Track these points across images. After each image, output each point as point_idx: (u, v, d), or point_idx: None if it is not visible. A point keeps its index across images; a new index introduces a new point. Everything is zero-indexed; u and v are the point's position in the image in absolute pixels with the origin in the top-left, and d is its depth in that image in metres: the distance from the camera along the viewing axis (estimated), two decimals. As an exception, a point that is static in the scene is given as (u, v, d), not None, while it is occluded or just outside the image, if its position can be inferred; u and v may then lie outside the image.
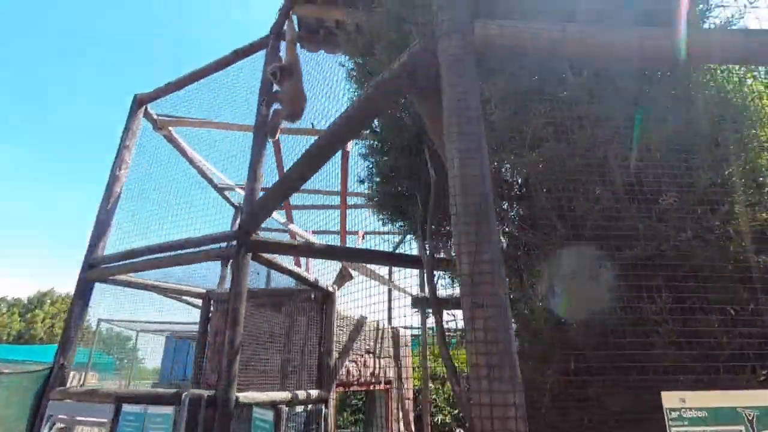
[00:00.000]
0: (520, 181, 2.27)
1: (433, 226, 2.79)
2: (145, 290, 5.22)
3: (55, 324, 32.67)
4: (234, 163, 5.66)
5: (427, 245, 2.67)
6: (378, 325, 6.77)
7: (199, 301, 6.78)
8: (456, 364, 2.41)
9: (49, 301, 36.35)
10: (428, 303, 4.64)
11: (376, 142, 2.99)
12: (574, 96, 1.90)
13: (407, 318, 7.81)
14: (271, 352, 5.12)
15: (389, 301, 6.97)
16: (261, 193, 3.80)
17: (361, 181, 3.65)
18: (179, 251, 3.95)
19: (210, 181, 7.61)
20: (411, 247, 4.62)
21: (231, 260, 3.66)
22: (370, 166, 3.45)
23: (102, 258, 4.57)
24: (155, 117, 5.94)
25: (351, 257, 3.78)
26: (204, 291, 5.82)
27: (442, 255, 3.53)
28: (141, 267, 4.15)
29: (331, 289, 5.24)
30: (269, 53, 4.33)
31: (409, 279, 6.46)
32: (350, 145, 6.18)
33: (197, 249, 3.70)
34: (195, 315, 6.96)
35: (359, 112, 1.98)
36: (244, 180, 5.54)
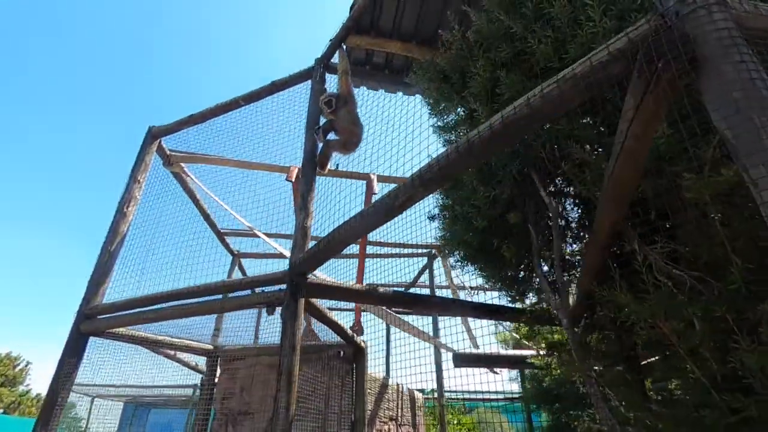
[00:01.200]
0: None
1: (544, 266, 2.41)
2: (144, 345, 4.45)
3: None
4: (257, 205, 5.16)
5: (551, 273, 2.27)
6: (399, 387, 6.07)
7: (194, 359, 5.96)
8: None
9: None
10: (479, 360, 4.11)
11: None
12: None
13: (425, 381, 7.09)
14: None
15: (438, 362, 6.33)
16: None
17: (432, 218, 3.27)
18: (211, 296, 3.36)
19: (213, 225, 7.04)
20: (489, 297, 4.20)
21: (279, 307, 3.12)
22: (445, 199, 3.09)
23: (105, 306, 3.87)
24: (168, 152, 5.47)
25: (431, 307, 3.28)
26: (210, 347, 5.06)
27: (529, 301, 3.12)
28: (166, 315, 3.49)
29: (362, 343, 4.64)
30: (316, 83, 4.07)
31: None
32: (375, 184, 5.85)
33: (241, 293, 3.13)
34: (170, 375, 6.00)
35: (521, 119, 1.65)
36: (268, 224, 5.09)
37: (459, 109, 3.02)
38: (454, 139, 3.30)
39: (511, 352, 4.33)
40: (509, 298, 3.26)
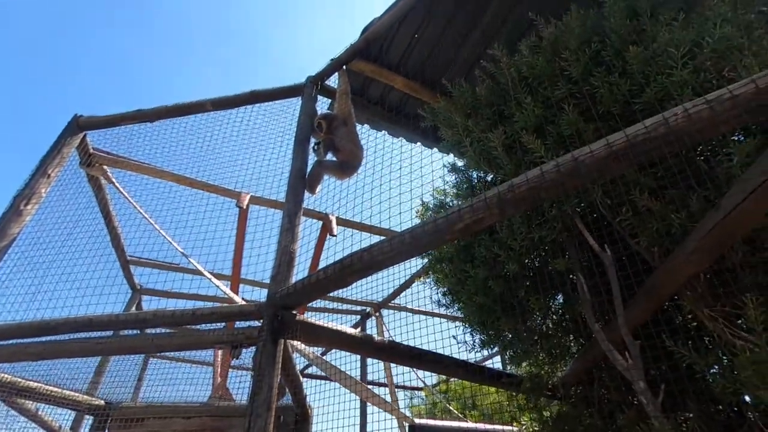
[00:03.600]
0: None
1: (597, 322, 2.16)
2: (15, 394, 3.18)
3: None
4: (191, 233, 4.30)
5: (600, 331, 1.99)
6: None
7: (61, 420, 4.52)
8: None
9: None
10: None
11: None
12: None
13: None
14: None
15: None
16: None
17: (440, 260, 2.91)
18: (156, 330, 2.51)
19: (121, 249, 5.82)
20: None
21: (244, 348, 2.41)
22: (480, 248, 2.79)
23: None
24: (91, 150, 4.47)
25: (425, 363, 2.77)
26: (100, 402, 3.81)
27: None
28: (57, 351, 2.50)
29: (309, 409, 3.87)
30: (306, 102, 3.67)
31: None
32: (335, 226, 5.37)
33: (206, 327, 2.36)
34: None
35: (649, 141, 1.46)
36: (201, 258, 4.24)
37: (476, 145, 2.84)
38: (465, 178, 3.10)
39: (482, 426, 3.91)
40: (511, 358, 2.94)
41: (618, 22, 2.27)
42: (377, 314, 7.37)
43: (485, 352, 3.24)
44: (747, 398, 1.91)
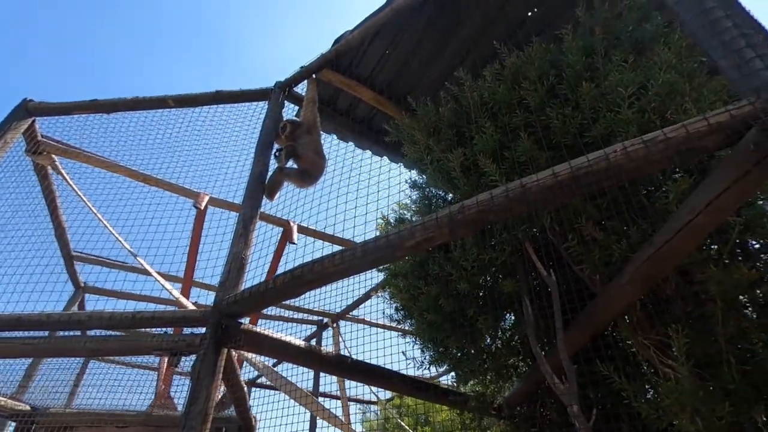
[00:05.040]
0: None
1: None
2: None
3: None
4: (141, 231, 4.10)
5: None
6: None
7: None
8: None
9: None
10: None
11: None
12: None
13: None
14: None
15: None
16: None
17: (394, 276, 2.91)
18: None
19: (65, 244, 5.49)
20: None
21: (184, 356, 2.32)
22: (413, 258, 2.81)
23: None
24: (40, 137, 4.22)
25: (375, 379, 2.74)
26: (25, 407, 3.53)
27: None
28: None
29: (254, 421, 3.74)
30: (272, 107, 3.63)
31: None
32: (295, 234, 5.29)
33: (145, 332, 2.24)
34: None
35: (593, 173, 1.53)
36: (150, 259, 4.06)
37: (436, 164, 2.88)
38: (424, 196, 3.14)
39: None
40: (458, 378, 2.96)
41: (574, 59, 2.38)
42: (334, 325, 7.27)
43: (438, 369, 3.26)
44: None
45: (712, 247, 2.02)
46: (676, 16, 1.66)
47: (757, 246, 2.06)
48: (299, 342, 2.45)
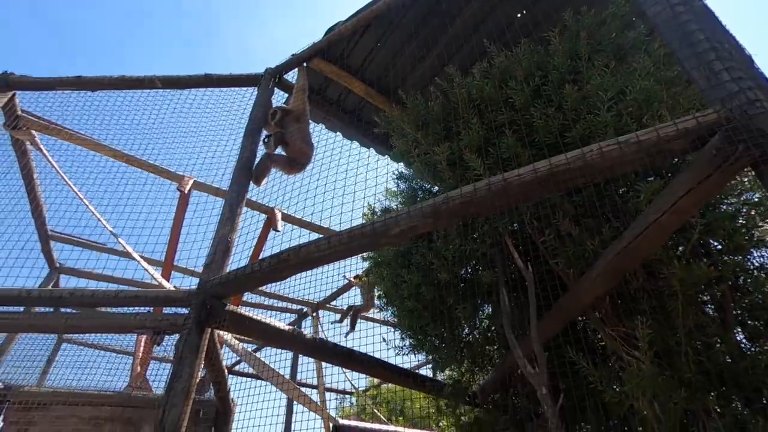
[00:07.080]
0: None
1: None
2: None
3: None
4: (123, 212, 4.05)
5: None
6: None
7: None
8: None
9: None
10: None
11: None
12: None
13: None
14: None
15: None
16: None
17: (378, 263, 2.99)
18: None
19: (42, 223, 5.38)
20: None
21: (167, 335, 2.34)
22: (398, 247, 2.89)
23: None
24: (19, 111, 4.13)
25: (354, 363, 2.80)
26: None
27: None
28: None
29: (232, 404, 3.78)
30: (262, 93, 3.64)
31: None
32: (279, 222, 5.31)
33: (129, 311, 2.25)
34: None
35: (570, 171, 1.62)
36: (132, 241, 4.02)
37: (423, 157, 2.95)
38: (411, 187, 3.21)
39: (403, 430, 4.01)
40: (435, 365, 3.07)
41: (560, 61, 2.48)
42: (314, 314, 7.32)
43: (420, 357, 3.36)
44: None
45: (679, 248, 2.16)
46: (654, 26, 1.75)
47: (720, 247, 2.22)
48: (282, 325, 2.50)
